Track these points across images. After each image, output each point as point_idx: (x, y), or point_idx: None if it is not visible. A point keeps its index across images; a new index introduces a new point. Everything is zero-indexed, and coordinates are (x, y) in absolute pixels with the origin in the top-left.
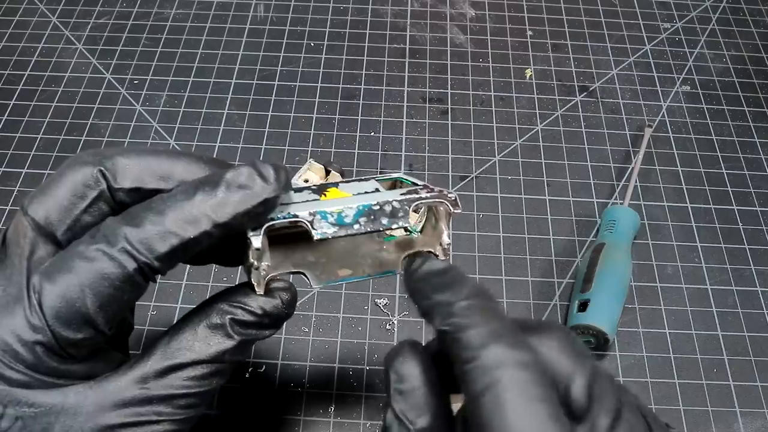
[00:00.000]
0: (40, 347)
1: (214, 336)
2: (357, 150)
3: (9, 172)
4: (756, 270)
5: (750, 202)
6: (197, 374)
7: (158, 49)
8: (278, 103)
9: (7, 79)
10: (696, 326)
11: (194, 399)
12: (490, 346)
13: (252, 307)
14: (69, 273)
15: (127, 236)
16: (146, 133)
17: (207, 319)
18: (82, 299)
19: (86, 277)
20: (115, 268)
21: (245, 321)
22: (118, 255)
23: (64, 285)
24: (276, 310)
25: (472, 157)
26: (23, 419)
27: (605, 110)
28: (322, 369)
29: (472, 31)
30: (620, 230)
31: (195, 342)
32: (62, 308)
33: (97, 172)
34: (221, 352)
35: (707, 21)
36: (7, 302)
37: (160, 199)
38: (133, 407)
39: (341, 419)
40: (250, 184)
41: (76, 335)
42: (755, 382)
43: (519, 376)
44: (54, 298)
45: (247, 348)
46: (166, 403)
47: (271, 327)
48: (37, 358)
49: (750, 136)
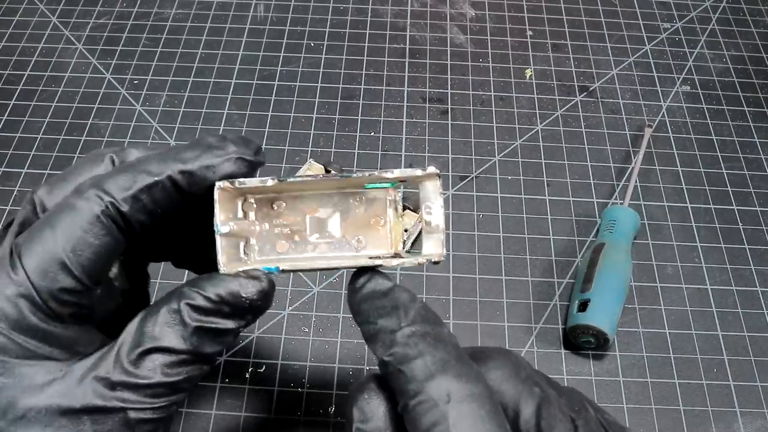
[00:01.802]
0: (23, 300)
1: (173, 321)
2: (357, 150)
3: (9, 172)
4: (756, 270)
5: (750, 202)
6: (162, 362)
7: (158, 49)
8: (278, 103)
9: (7, 79)
10: (696, 326)
11: (162, 388)
12: (435, 377)
13: (207, 292)
14: (46, 225)
15: (97, 182)
16: (146, 133)
17: (167, 303)
18: (56, 247)
19: (59, 225)
20: (84, 212)
21: (201, 307)
22: (86, 200)
23: (40, 236)
24: (233, 298)
25: (472, 157)
26: None
27: (605, 110)
28: (322, 369)
29: (472, 31)
30: (620, 230)
31: (155, 327)
32: (40, 258)
33: (108, 160)
34: (179, 339)
35: (707, 21)
36: None
37: (138, 158)
38: (96, 392)
39: (341, 419)
40: (218, 145)
41: (55, 284)
42: (755, 382)
43: (468, 410)
44: (32, 251)
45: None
46: (131, 390)
47: (234, 317)
48: (19, 313)
49: (750, 136)
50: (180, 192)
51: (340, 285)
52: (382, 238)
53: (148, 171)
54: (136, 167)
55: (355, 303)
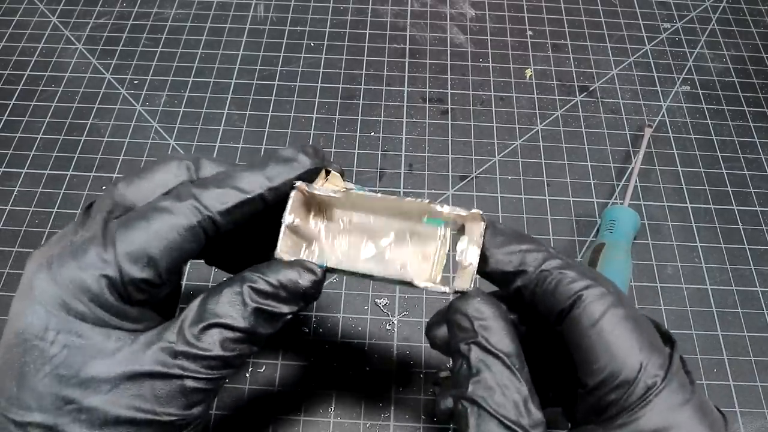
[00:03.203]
0: (105, 280)
1: (235, 302)
2: (357, 150)
3: (9, 172)
4: (756, 270)
5: (750, 202)
6: (219, 338)
7: (158, 49)
8: (278, 103)
9: (7, 79)
10: (696, 326)
11: (216, 361)
12: (592, 278)
13: (269, 277)
14: (142, 220)
15: (194, 194)
16: (146, 133)
17: (230, 285)
18: (150, 242)
19: (156, 223)
20: (183, 218)
21: (261, 290)
22: (186, 207)
23: (136, 228)
24: (291, 284)
25: (472, 157)
26: (69, 349)
27: (605, 110)
28: (322, 369)
29: (472, 31)
30: (620, 230)
31: (217, 306)
32: (132, 247)
33: (184, 165)
34: (239, 318)
35: (707, 21)
36: (83, 242)
37: (223, 173)
38: (159, 358)
39: (341, 419)
40: (295, 157)
41: (140, 274)
42: (755, 382)
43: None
44: (126, 239)
45: (271, 322)
46: (190, 360)
47: (290, 302)
48: (100, 289)
49: (750, 136)
50: (265, 205)
51: (340, 285)
52: (425, 270)
53: (241, 189)
54: (228, 183)
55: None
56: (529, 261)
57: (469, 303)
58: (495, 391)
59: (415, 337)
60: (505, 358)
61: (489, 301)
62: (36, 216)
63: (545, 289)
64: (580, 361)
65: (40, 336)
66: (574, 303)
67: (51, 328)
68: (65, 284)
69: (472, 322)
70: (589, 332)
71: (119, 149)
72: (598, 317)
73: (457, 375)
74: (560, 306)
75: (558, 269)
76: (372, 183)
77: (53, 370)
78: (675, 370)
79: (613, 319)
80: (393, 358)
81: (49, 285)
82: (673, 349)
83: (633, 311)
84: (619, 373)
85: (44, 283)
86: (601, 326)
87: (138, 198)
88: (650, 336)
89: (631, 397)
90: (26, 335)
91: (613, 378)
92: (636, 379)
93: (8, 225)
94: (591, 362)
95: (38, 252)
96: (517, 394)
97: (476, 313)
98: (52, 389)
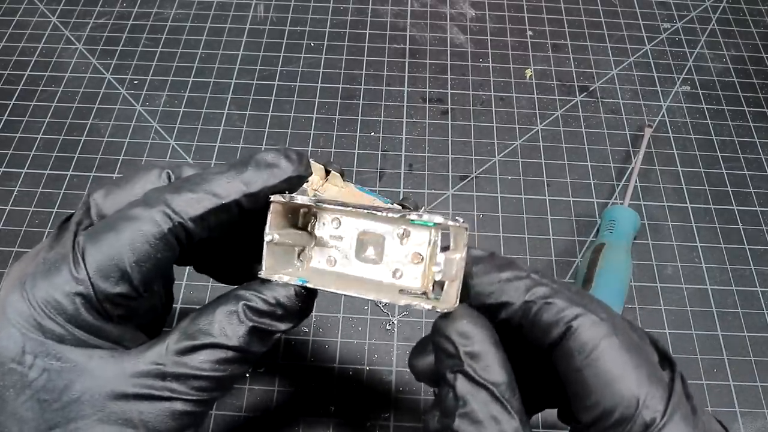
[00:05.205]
0: (80, 299)
1: (229, 321)
2: (357, 150)
3: (9, 172)
4: (756, 270)
5: (750, 202)
6: (211, 358)
7: (158, 49)
8: (278, 103)
9: (7, 79)
10: (696, 326)
11: (207, 382)
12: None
13: (265, 295)
14: (110, 231)
15: (165, 199)
16: (146, 133)
17: (224, 304)
18: (121, 254)
19: (126, 234)
20: (152, 226)
21: (258, 309)
22: (155, 214)
23: (105, 241)
24: (289, 301)
25: (472, 157)
26: (49, 372)
27: (605, 110)
28: (322, 369)
29: (472, 31)
30: (620, 230)
31: (211, 325)
32: (102, 262)
33: (164, 174)
34: (234, 337)
35: (707, 21)
36: (55, 260)
37: (198, 175)
38: (147, 380)
39: (341, 419)
40: (276, 162)
41: (114, 289)
42: (755, 382)
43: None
44: (95, 253)
45: (265, 340)
46: (180, 381)
47: (285, 320)
48: (75, 310)
49: (750, 136)
50: (241, 211)
51: None
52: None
53: (215, 193)
54: (202, 187)
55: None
56: (512, 292)
57: (454, 325)
58: (483, 426)
59: (415, 337)
60: (494, 389)
61: (476, 321)
62: (36, 216)
63: (532, 321)
64: (573, 395)
65: (17, 360)
66: (564, 334)
67: (28, 351)
68: (39, 305)
69: (457, 348)
70: (581, 365)
71: (119, 149)
72: (590, 349)
73: (443, 401)
74: (550, 339)
75: (543, 299)
76: (372, 183)
77: (34, 395)
78: (677, 401)
79: (606, 351)
80: (393, 358)
81: (22, 306)
82: (674, 374)
83: (628, 338)
84: (614, 409)
85: (18, 304)
86: (593, 359)
87: (115, 209)
88: (648, 365)
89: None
90: (3, 359)
91: (609, 415)
92: (634, 416)
93: (8, 225)
94: (585, 397)
95: (14, 269)
96: (507, 426)
97: (461, 338)
98: (34, 414)
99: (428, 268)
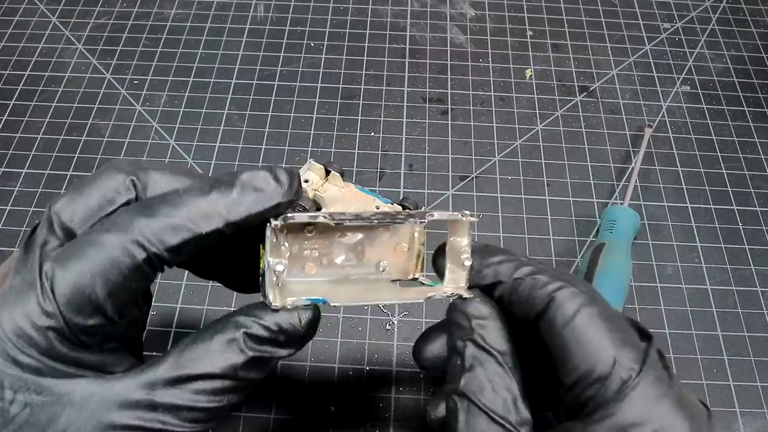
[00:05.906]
0: (52, 332)
1: (227, 350)
2: (357, 150)
3: (9, 172)
4: (756, 270)
5: (750, 202)
6: (207, 388)
7: (158, 49)
8: (278, 103)
9: (7, 79)
10: (696, 326)
11: (201, 413)
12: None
13: (267, 322)
14: (81, 260)
15: (140, 227)
16: (146, 133)
17: (222, 332)
18: (93, 286)
19: (97, 264)
20: (125, 257)
21: (259, 336)
22: (129, 245)
23: (75, 271)
24: (292, 328)
25: (472, 157)
26: (31, 407)
27: (605, 110)
28: (322, 369)
29: (472, 31)
30: (620, 230)
31: (207, 354)
32: (73, 295)
33: (129, 181)
34: (232, 367)
35: (707, 21)
36: (22, 288)
37: (176, 194)
38: (137, 411)
39: (341, 419)
40: (264, 186)
41: (87, 321)
42: (755, 382)
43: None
44: (65, 285)
45: (264, 367)
46: (172, 413)
47: (287, 346)
48: (49, 343)
49: (750, 136)
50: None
51: None
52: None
53: (194, 221)
54: (180, 212)
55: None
56: (503, 271)
57: (471, 303)
58: (486, 387)
59: (415, 337)
60: (498, 356)
61: (487, 302)
62: (36, 216)
63: (520, 295)
64: (556, 361)
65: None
66: (548, 305)
67: (7, 386)
68: (10, 339)
69: (470, 321)
70: (562, 332)
71: (119, 149)
72: (570, 316)
73: (451, 371)
74: (535, 310)
75: (530, 275)
76: (372, 183)
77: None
78: (651, 363)
79: (585, 318)
80: (393, 358)
81: None
82: (650, 344)
83: (606, 309)
84: (593, 369)
85: None
86: (573, 325)
87: (78, 220)
88: (624, 331)
89: (607, 393)
90: None
91: (588, 375)
92: (610, 374)
93: (8, 225)
94: (566, 361)
95: None
96: (507, 391)
97: (475, 312)
98: None
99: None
